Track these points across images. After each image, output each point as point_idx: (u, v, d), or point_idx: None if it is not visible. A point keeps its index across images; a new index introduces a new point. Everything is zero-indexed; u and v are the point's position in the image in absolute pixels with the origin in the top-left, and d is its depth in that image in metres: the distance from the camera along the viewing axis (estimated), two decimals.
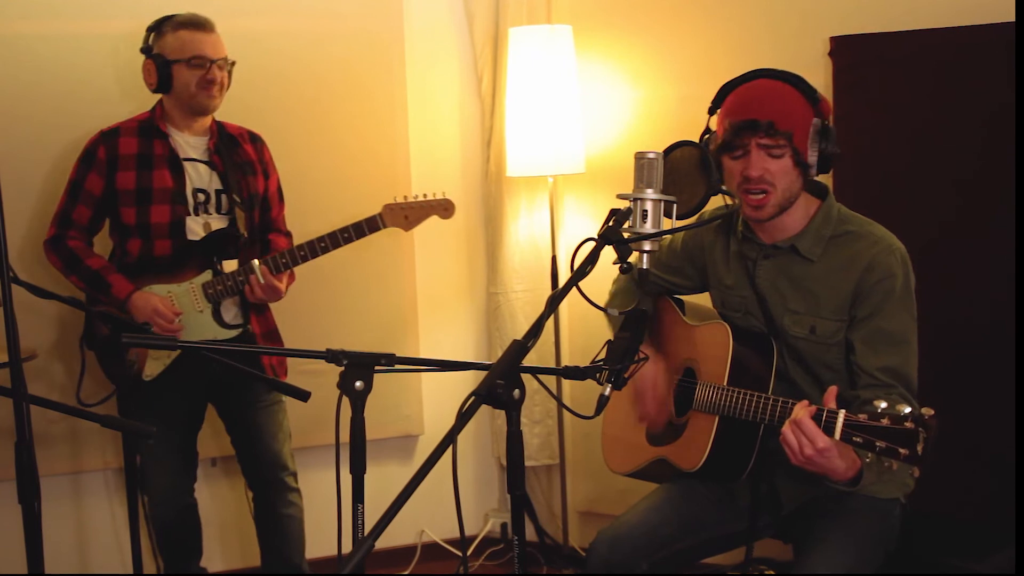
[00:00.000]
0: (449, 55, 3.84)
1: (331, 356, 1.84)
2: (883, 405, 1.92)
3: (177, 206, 2.97)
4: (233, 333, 3.04)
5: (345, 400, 1.83)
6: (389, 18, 3.68)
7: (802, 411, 2.04)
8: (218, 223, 3.03)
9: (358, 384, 1.83)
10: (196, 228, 3.01)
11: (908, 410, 1.89)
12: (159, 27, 2.96)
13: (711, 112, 2.35)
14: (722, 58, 3.37)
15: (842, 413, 1.98)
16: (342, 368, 1.84)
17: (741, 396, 2.29)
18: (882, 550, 2.35)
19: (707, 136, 2.32)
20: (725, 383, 2.35)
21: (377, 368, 1.85)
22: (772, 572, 2.55)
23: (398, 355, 1.88)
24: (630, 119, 3.62)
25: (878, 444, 1.91)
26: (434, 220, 3.79)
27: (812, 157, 2.24)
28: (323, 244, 3.00)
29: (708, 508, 2.49)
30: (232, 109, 3.14)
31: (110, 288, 2.96)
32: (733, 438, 2.35)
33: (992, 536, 2.52)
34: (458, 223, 3.90)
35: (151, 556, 3.40)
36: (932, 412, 1.88)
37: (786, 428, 2.06)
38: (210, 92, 2.96)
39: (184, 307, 2.99)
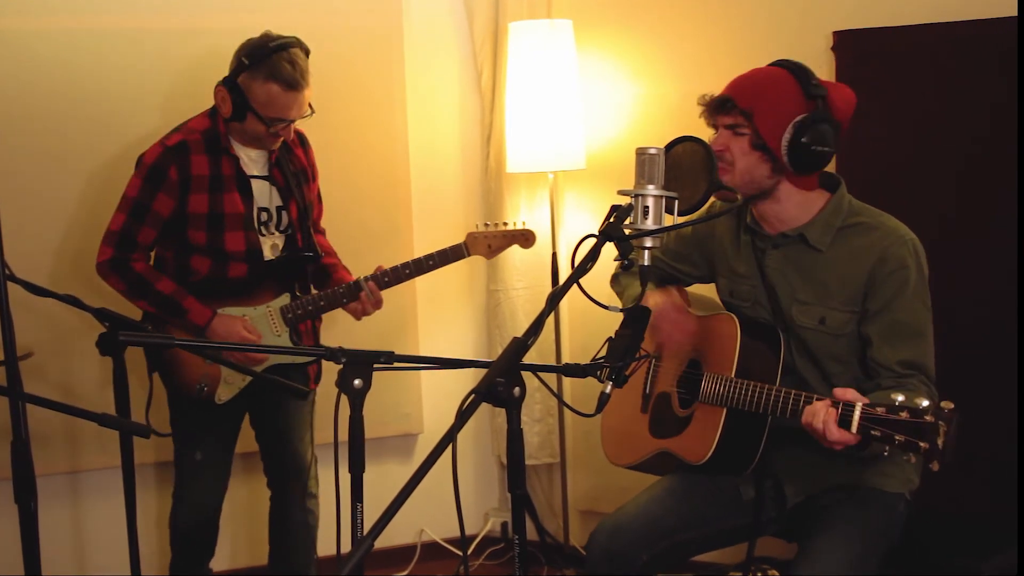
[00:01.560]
0: (448, 50, 3.83)
1: (329, 354, 1.83)
2: (901, 398, 1.92)
3: (249, 232, 2.84)
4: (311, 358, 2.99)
5: (344, 398, 1.81)
6: (388, 13, 3.67)
7: (833, 426, 2.02)
8: (280, 241, 2.93)
9: (357, 382, 1.81)
10: (266, 250, 2.90)
11: (927, 403, 1.89)
12: (252, 64, 2.73)
13: None
14: (724, 54, 3.37)
15: (859, 406, 1.97)
16: (340, 366, 1.82)
17: (750, 388, 2.28)
18: (885, 544, 2.35)
19: None
20: (733, 375, 2.34)
21: (376, 366, 1.83)
22: (775, 572, 2.53)
23: (397, 353, 1.87)
24: (631, 115, 3.61)
25: (897, 438, 1.90)
26: (434, 215, 3.82)
27: (784, 146, 2.22)
28: (407, 270, 2.95)
29: (711, 501, 2.48)
30: None
31: (187, 314, 2.83)
32: (740, 431, 2.34)
33: (995, 536, 2.51)
34: (458, 219, 3.89)
35: (149, 557, 3.39)
36: (952, 406, 1.87)
37: (810, 422, 2.07)
38: (275, 142, 2.84)
39: (261, 330, 2.90)
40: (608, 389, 1.91)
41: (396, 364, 1.86)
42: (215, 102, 2.82)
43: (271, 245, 2.91)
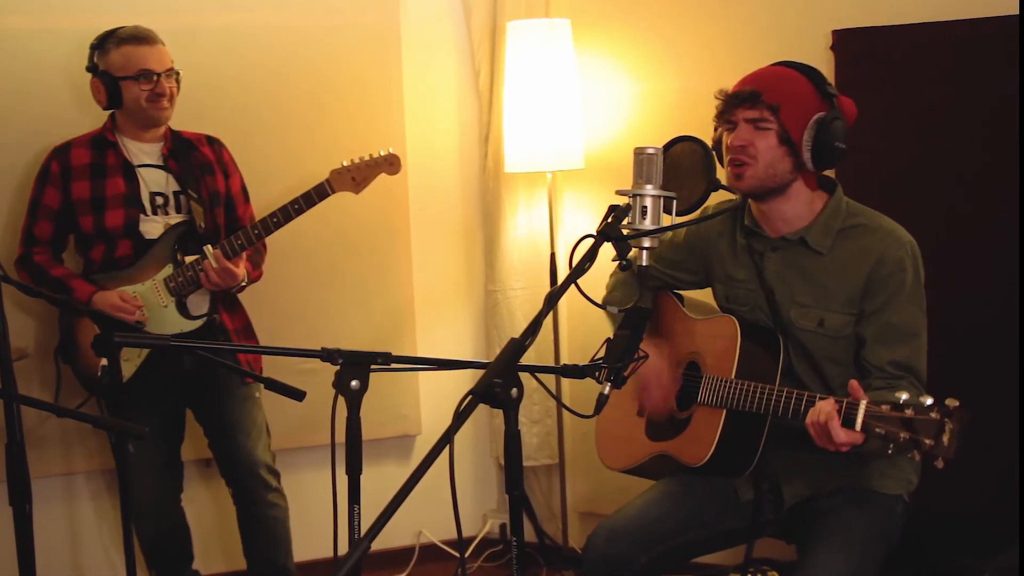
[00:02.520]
0: (446, 49, 3.82)
1: (326, 355, 1.82)
2: (905, 396, 1.91)
3: (130, 208, 2.97)
4: (199, 323, 3.01)
5: (341, 400, 1.80)
6: (385, 12, 3.66)
7: (838, 427, 2.01)
8: (177, 221, 3.02)
9: (354, 383, 1.80)
10: (155, 229, 3.00)
11: (931, 401, 1.88)
12: (102, 44, 2.95)
13: None
14: (723, 52, 3.36)
15: (863, 404, 1.97)
16: (337, 367, 1.81)
17: (750, 389, 2.27)
18: (885, 547, 2.34)
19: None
20: (733, 377, 2.33)
21: (373, 367, 1.83)
22: (775, 573, 2.52)
23: (395, 354, 1.86)
24: (629, 114, 3.59)
25: (901, 435, 1.89)
26: (431, 216, 3.80)
27: (806, 142, 2.24)
28: (275, 219, 2.96)
29: (709, 504, 2.46)
30: (227, 106, 3.12)
31: (72, 293, 2.95)
32: (740, 432, 2.33)
33: (995, 536, 2.50)
34: (456, 220, 3.88)
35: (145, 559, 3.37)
36: (957, 403, 1.86)
37: (815, 420, 2.05)
38: (160, 104, 2.96)
39: (149, 304, 2.96)
40: (606, 390, 1.90)
41: (393, 365, 1.86)
42: (93, 98, 2.99)
43: (164, 224, 3.01)
